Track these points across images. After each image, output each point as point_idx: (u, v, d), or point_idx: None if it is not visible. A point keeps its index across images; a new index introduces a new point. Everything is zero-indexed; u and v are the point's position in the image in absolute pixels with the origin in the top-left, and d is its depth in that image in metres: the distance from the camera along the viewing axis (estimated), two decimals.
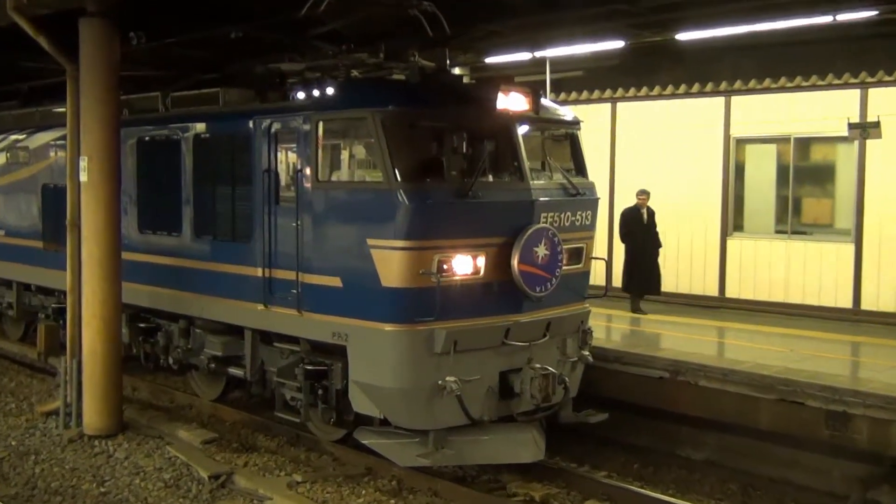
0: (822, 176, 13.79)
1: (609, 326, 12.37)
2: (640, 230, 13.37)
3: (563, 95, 16.48)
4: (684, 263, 14.47)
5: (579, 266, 9.33)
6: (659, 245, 13.47)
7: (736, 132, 14.20)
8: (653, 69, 15.73)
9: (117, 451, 9.49)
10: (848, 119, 12.80)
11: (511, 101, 8.61)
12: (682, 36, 12.59)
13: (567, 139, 9.68)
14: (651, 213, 13.43)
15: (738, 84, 14.26)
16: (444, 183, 8.15)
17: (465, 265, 8.20)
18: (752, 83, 14.12)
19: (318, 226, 8.62)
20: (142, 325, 11.39)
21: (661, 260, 13.64)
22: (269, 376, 9.84)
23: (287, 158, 9.16)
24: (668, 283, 14.13)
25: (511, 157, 8.68)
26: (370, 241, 8.08)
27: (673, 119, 14.84)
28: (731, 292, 14.16)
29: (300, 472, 8.99)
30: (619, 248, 15.25)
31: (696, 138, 14.56)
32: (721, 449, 9.65)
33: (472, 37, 11.10)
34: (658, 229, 13.47)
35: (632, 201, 13.90)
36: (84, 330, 9.82)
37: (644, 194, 13.43)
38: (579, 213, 9.13)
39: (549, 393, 8.63)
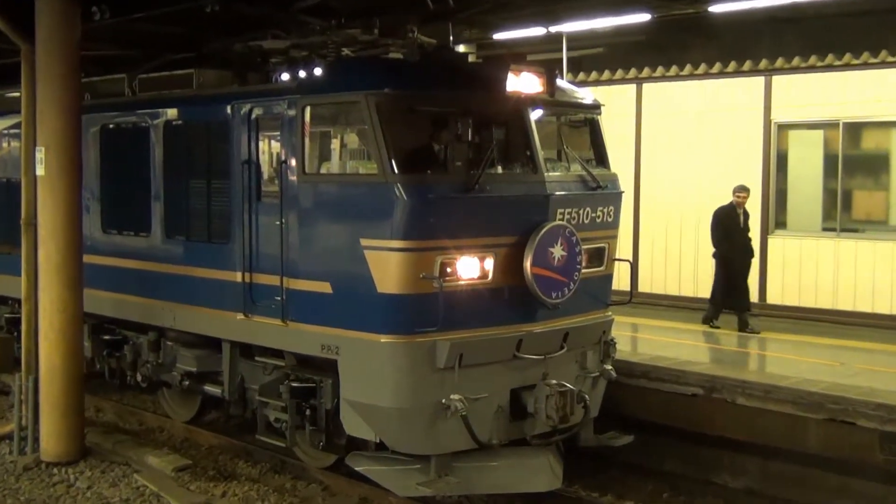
0: (875, 165, 13.75)
1: (635, 337, 12.36)
2: (737, 234, 12.83)
3: (581, 76, 16.49)
4: None
5: (601, 269, 9.32)
6: (752, 254, 13.00)
7: (778, 117, 14.19)
8: (683, 46, 15.72)
9: (79, 480, 9.48)
10: None
11: (523, 83, 8.59)
12: (717, 7, 12.55)
13: (586, 125, 9.66)
14: (747, 215, 12.97)
15: (779, 62, 14.24)
16: (448, 175, 8.14)
17: (471, 268, 8.19)
18: (795, 61, 14.10)
19: (305, 224, 8.62)
20: (106, 337, 11.38)
21: (693, 262, 13.59)
22: (249, 395, 9.83)
23: (270, 148, 9.15)
24: (704, 288, 14.10)
25: (523, 146, 8.66)
26: (364, 242, 8.08)
27: (706, 102, 14.82)
28: (772, 298, 14.14)
29: (285, 502, 8.96)
30: (645, 249, 15.24)
31: (732, 124, 14.54)
32: (762, 475, 9.63)
33: (478, 9, 11.08)
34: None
35: (659, 195, 13.90)
36: (41, 343, 9.81)
37: (743, 191, 12.79)
38: (601, 208, 9.11)
39: (568, 413, 8.60)
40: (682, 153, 14.99)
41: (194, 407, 11.29)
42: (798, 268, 13.94)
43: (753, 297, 14.18)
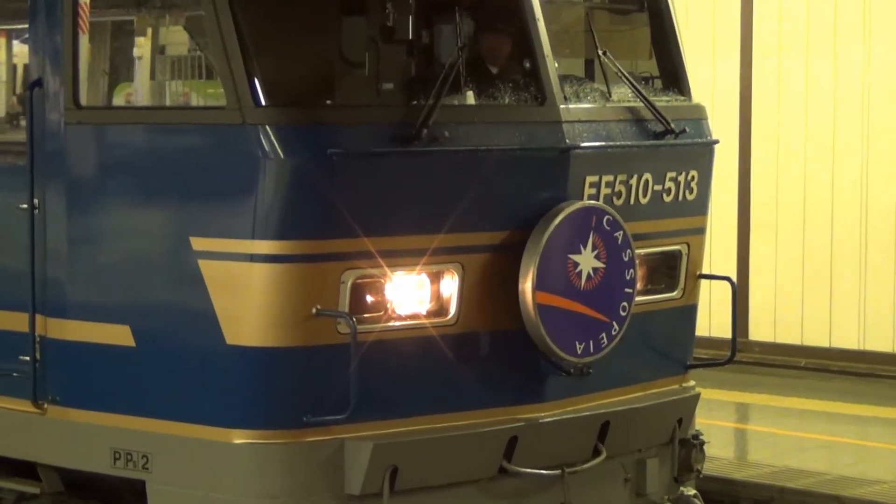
0: None
1: (743, 430, 12.45)
2: None
3: None
4: None
5: (673, 295, 9.48)
6: None
7: None
8: None
9: None
10: None
11: None
12: None
13: (644, 10, 9.84)
14: None
15: None
16: (369, 109, 8.26)
17: (414, 295, 8.25)
18: None
19: (82, 210, 8.64)
20: None
21: (857, 279, 13.82)
22: None
23: (8, 58, 9.20)
24: (879, 335, 14.27)
25: (519, 52, 8.77)
26: (198, 244, 8.10)
27: None
28: None
29: None
30: (763, 256, 15.36)
31: None
32: None
33: None
34: None
35: (792, 146, 13.98)
36: None
37: None
38: (672, 175, 9.23)
39: None
40: (830, 72, 15.15)
41: None
42: None
43: None
